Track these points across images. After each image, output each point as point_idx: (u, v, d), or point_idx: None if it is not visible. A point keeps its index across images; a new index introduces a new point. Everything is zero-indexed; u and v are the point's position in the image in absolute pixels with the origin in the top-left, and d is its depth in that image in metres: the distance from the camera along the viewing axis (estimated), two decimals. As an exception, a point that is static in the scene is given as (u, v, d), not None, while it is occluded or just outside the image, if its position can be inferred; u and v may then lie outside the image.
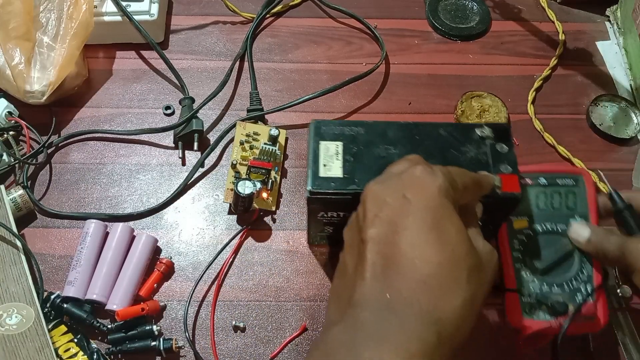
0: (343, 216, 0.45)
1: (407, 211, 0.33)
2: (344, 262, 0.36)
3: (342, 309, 0.33)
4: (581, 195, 0.48)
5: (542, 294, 0.46)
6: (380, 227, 0.33)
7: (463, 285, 0.32)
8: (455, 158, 0.43)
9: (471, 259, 0.33)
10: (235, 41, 0.65)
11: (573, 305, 0.45)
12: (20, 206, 0.52)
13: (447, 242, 0.33)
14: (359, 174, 0.42)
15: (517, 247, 0.48)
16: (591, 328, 0.46)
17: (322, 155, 0.43)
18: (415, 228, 0.33)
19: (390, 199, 0.34)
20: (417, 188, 0.34)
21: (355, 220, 0.37)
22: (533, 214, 0.48)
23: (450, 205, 0.34)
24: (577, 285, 0.46)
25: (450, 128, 0.44)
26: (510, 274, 0.47)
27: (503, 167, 0.43)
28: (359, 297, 0.32)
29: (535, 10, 0.69)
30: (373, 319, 0.31)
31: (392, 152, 0.43)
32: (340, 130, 0.44)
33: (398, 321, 0.30)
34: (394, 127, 0.44)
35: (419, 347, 0.29)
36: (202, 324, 0.49)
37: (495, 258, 0.36)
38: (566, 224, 0.47)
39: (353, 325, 0.31)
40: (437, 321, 0.31)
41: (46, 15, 0.57)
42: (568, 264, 0.47)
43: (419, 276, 0.32)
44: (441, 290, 0.32)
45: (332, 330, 0.32)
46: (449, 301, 0.32)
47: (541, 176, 0.49)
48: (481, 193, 0.40)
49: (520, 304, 0.46)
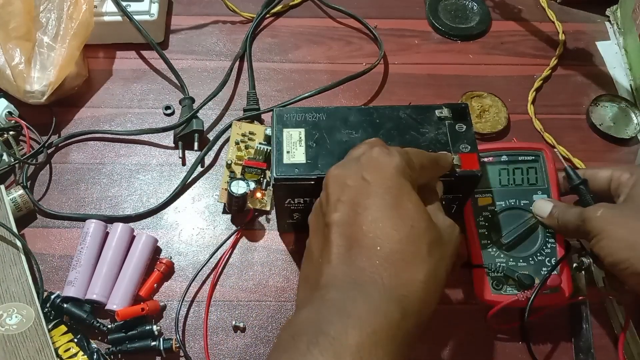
0: (309, 202, 0.46)
1: (367, 192, 0.35)
2: (310, 248, 0.37)
3: (310, 290, 0.35)
4: (542, 171, 0.51)
5: (508, 269, 0.48)
6: (342, 210, 0.35)
7: (425, 258, 0.33)
8: (415, 139, 0.44)
9: (431, 234, 0.34)
10: (235, 41, 0.65)
11: (539, 279, 0.47)
12: (20, 206, 0.52)
13: (406, 218, 0.34)
14: (321, 159, 0.43)
15: (482, 223, 0.50)
16: (557, 299, 0.48)
17: (285, 142, 0.44)
18: (375, 208, 0.34)
19: (350, 182, 0.35)
20: (375, 169, 0.35)
21: (318, 206, 0.38)
22: (496, 191, 0.50)
23: (407, 184, 0.35)
24: (542, 259, 0.48)
25: (409, 110, 0.46)
26: (477, 251, 0.49)
27: (462, 146, 0.44)
28: (326, 279, 0.33)
29: (535, 10, 0.69)
30: (339, 298, 0.32)
31: (353, 136, 0.44)
32: (303, 117, 0.45)
33: (363, 298, 0.31)
34: (355, 112, 0.45)
35: (382, 322, 0.30)
36: (201, 324, 0.49)
37: (456, 232, 0.38)
38: (529, 199, 0.50)
39: (320, 305, 0.32)
40: (400, 297, 0.32)
41: (46, 15, 0.58)
42: (532, 238, 0.49)
43: (382, 253, 0.33)
44: (403, 266, 0.33)
45: (300, 312, 0.33)
46: (412, 276, 0.33)
47: (503, 154, 0.52)
48: (440, 172, 0.42)
49: (488, 279, 0.48)
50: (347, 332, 0.29)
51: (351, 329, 0.30)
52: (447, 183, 0.42)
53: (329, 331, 0.30)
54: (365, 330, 0.30)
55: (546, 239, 0.49)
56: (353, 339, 0.29)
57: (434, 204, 0.39)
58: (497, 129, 0.59)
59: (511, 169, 0.51)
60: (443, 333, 0.49)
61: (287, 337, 0.31)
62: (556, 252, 0.48)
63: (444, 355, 0.49)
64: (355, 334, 0.29)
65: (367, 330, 0.30)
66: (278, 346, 0.32)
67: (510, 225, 0.49)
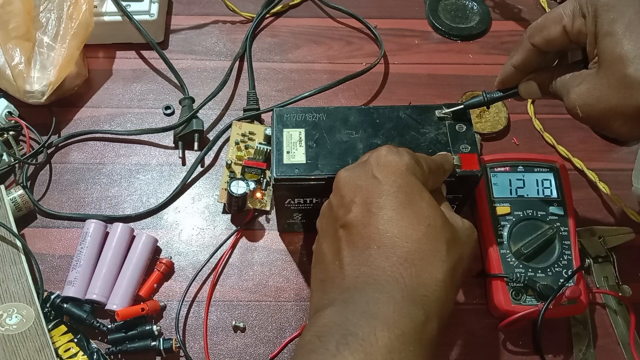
0: (310, 202, 0.46)
1: (380, 191, 0.34)
2: (322, 251, 0.36)
3: (329, 294, 0.34)
4: (558, 183, 0.51)
5: (529, 279, 0.47)
6: (356, 210, 0.34)
7: (444, 258, 0.33)
8: (415, 139, 0.44)
9: (447, 232, 0.34)
10: (235, 41, 0.65)
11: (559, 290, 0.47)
12: (20, 206, 0.52)
13: (421, 217, 0.34)
14: (322, 159, 0.43)
15: (500, 232, 0.50)
16: (575, 310, 0.48)
17: (285, 142, 0.44)
18: (390, 207, 0.34)
19: (361, 182, 0.35)
20: (385, 167, 0.35)
21: (328, 209, 0.37)
22: (513, 200, 0.51)
23: (418, 183, 0.35)
24: (559, 270, 0.48)
25: (409, 110, 0.46)
26: (496, 260, 0.49)
27: (462, 147, 0.44)
28: (345, 281, 0.33)
29: (535, 10, 0.69)
30: (363, 299, 0.31)
31: (353, 136, 0.44)
32: (303, 117, 0.45)
33: (386, 299, 0.31)
34: (355, 112, 0.45)
35: (408, 323, 0.30)
36: (201, 324, 0.49)
37: (475, 235, 0.38)
38: (545, 211, 0.50)
39: (344, 307, 0.32)
40: (422, 297, 0.32)
41: (46, 15, 0.57)
42: (550, 249, 0.49)
43: (401, 253, 0.33)
44: (423, 265, 0.32)
45: (323, 314, 0.32)
46: (432, 275, 0.32)
47: (520, 164, 0.52)
48: (445, 175, 0.41)
49: (508, 289, 0.48)
50: (376, 334, 0.29)
51: (380, 331, 0.29)
52: (447, 183, 0.42)
53: (357, 332, 0.29)
54: (394, 332, 0.29)
55: (563, 250, 0.48)
56: (382, 341, 0.29)
57: (443, 204, 0.38)
58: (497, 129, 0.59)
59: (527, 180, 0.51)
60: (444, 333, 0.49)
61: (312, 339, 0.31)
62: (573, 263, 0.48)
63: (443, 355, 0.49)
64: (385, 335, 0.29)
65: (395, 332, 0.29)
66: (303, 347, 0.31)
67: (527, 235, 0.49)
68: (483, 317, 0.50)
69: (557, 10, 0.39)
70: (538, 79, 0.42)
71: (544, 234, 0.48)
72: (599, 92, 0.36)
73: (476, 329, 0.50)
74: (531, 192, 0.51)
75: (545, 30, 0.39)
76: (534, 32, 0.40)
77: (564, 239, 0.49)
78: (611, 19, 0.35)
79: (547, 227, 0.49)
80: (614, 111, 0.36)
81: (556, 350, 0.49)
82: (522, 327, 0.49)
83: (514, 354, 0.49)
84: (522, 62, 0.42)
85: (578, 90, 0.38)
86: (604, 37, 0.36)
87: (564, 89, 0.39)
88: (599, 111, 0.37)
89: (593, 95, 0.37)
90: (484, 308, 0.50)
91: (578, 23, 0.38)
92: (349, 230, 0.34)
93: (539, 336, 0.48)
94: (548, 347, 0.49)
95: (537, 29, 0.40)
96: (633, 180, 0.53)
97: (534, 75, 0.42)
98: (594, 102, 0.37)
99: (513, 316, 0.46)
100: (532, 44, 0.40)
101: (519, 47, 0.42)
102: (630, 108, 0.35)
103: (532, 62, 0.41)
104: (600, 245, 0.52)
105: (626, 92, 0.35)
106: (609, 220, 0.55)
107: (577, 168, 0.57)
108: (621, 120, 0.36)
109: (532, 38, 0.40)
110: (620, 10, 0.35)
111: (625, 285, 0.50)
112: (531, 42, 0.40)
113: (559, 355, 0.49)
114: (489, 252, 0.49)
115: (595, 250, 0.51)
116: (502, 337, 0.49)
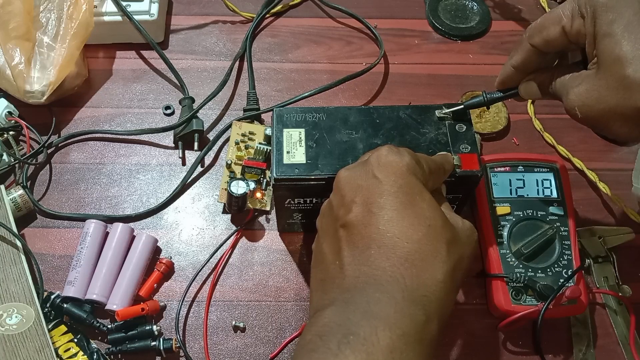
0: (309, 202, 0.46)
1: (380, 191, 0.34)
2: (322, 251, 0.36)
3: (329, 294, 0.34)
4: (558, 183, 0.51)
5: (530, 279, 0.47)
6: (357, 210, 0.34)
7: (444, 258, 0.33)
8: (415, 139, 0.44)
9: (448, 232, 0.34)
10: (235, 41, 0.65)
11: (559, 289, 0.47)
12: (20, 206, 0.52)
13: (422, 217, 0.34)
14: (322, 159, 0.43)
15: (500, 232, 0.50)
16: (575, 310, 0.48)
17: (285, 142, 0.44)
18: (390, 207, 0.34)
19: (361, 181, 0.35)
20: (385, 167, 0.35)
21: (328, 209, 0.37)
22: (513, 200, 0.51)
23: (419, 183, 0.35)
24: (559, 270, 0.48)
25: (409, 110, 0.46)
26: (496, 260, 0.49)
27: (462, 147, 0.44)
28: (346, 281, 0.33)
29: (535, 10, 0.69)
30: (364, 299, 0.31)
31: (353, 136, 0.44)
32: (303, 117, 0.45)
33: (387, 299, 0.31)
34: (355, 112, 0.45)
35: (409, 324, 0.30)
36: (201, 324, 0.49)
37: (475, 235, 0.38)
38: (545, 211, 0.50)
39: (345, 307, 0.32)
40: (422, 298, 0.32)
41: (46, 15, 0.57)
42: (550, 249, 0.49)
43: (401, 253, 0.33)
44: (423, 266, 0.32)
45: (323, 313, 0.32)
46: (432, 275, 0.32)
47: (520, 164, 0.52)
48: (445, 176, 0.41)
49: (508, 289, 0.48)
50: (378, 334, 0.29)
51: (381, 331, 0.29)
52: (447, 183, 0.42)
53: (358, 332, 0.29)
54: (396, 332, 0.30)
55: (563, 250, 0.48)
56: (384, 341, 0.29)
57: (443, 204, 0.38)
58: (497, 129, 0.59)
59: (527, 180, 0.51)
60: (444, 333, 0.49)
61: (313, 338, 0.31)
62: (572, 263, 0.48)
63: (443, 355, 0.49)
64: (386, 335, 0.29)
65: (397, 332, 0.30)
66: (304, 346, 0.31)
67: (527, 235, 0.49)
68: (483, 317, 0.50)
69: (556, 11, 0.39)
70: (538, 79, 0.42)
71: (544, 234, 0.49)
72: (597, 93, 0.36)
73: (476, 329, 0.50)
74: (531, 192, 0.51)
75: (545, 31, 0.39)
76: (533, 33, 0.40)
77: (564, 239, 0.49)
78: (610, 20, 0.35)
79: (547, 227, 0.49)
80: (612, 112, 0.36)
81: (556, 350, 0.49)
82: (522, 327, 0.49)
83: (514, 354, 0.49)
84: (521, 63, 0.42)
85: (577, 91, 0.38)
86: (602, 38, 0.36)
87: (564, 89, 0.39)
88: (598, 112, 0.37)
89: (592, 96, 0.37)
90: (484, 308, 0.51)
91: (577, 24, 0.38)
92: (349, 230, 0.34)
93: (539, 336, 0.48)
94: (548, 347, 0.49)
95: (536, 30, 0.40)
96: (633, 180, 0.53)
97: (533, 75, 0.42)
98: (592, 103, 0.37)
99: (513, 316, 0.47)
100: (531, 44, 0.40)
101: (519, 47, 0.42)
102: (629, 109, 0.35)
103: (531, 62, 0.42)
104: (600, 245, 0.52)
105: (625, 93, 0.35)
106: (609, 220, 0.55)
107: (577, 168, 0.57)
108: (620, 121, 0.36)
109: (532, 39, 0.40)
110: (619, 11, 0.35)
111: (625, 285, 0.50)
112: (530, 42, 0.40)
113: (559, 355, 0.49)
114: (489, 252, 0.49)
115: (595, 250, 0.52)
116: (502, 337, 0.50)
